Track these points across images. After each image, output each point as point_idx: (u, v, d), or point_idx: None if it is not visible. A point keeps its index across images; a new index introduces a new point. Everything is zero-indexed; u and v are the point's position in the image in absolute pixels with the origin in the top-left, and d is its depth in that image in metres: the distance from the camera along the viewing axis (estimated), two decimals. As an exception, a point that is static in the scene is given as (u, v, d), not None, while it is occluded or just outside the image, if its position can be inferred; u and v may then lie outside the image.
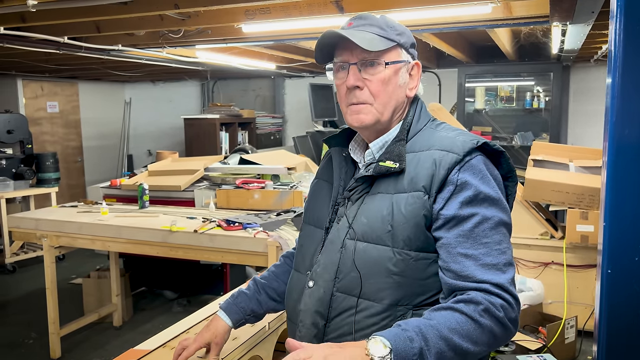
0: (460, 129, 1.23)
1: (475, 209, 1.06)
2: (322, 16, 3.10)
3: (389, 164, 1.14)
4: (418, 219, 1.08)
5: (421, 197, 1.09)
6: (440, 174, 1.08)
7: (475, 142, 1.11)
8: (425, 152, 1.13)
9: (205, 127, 6.40)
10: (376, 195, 1.15)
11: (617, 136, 1.09)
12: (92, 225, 3.22)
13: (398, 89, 1.18)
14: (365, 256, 1.12)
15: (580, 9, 2.70)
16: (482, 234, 1.05)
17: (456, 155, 1.09)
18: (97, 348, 3.73)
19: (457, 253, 1.05)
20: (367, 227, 1.13)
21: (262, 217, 3.15)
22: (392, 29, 1.17)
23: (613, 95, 1.09)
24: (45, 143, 7.04)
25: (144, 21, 3.48)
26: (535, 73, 5.92)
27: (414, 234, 1.08)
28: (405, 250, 1.09)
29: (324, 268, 1.17)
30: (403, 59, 1.18)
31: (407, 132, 1.18)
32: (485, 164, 1.10)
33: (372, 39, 1.13)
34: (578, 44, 4.02)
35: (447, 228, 1.07)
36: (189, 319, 1.79)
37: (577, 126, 6.11)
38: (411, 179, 1.11)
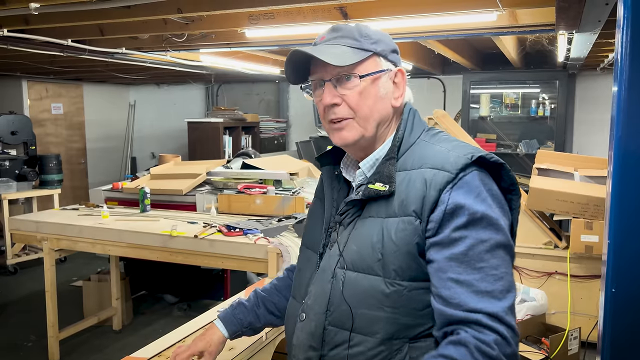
0: (459, 139, 1.13)
1: (469, 231, 0.97)
2: (326, 22, 3.08)
3: (378, 186, 1.06)
4: (410, 247, 1.00)
5: (412, 223, 1.01)
6: (431, 196, 1.00)
7: (469, 157, 1.02)
8: (417, 171, 1.05)
9: (208, 130, 6.40)
10: (367, 219, 1.08)
11: (622, 146, 1.06)
12: (93, 228, 3.21)
13: (380, 101, 1.10)
14: (356, 287, 1.04)
15: (587, 18, 2.67)
16: (476, 258, 0.96)
17: (448, 174, 1.00)
18: (96, 352, 3.72)
19: (448, 278, 0.96)
20: (356, 255, 1.05)
21: (264, 222, 3.13)
22: (367, 38, 1.10)
23: (619, 104, 1.07)
24: (49, 144, 7.05)
25: (147, 25, 3.48)
26: (541, 81, 5.89)
27: (405, 263, 1.00)
28: (398, 280, 1.00)
29: (315, 300, 1.10)
30: (382, 67, 1.10)
31: (397, 148, 1.10)
32: (481, 180, 1.01)
33: (343, 53, 1.07)
34: (584, 53, 3.99)
35: (438, 250, 0.98)
36: (187, 326, 1.77)
37: (582, 134, 6.07)
38: (402, 202, 1.03)
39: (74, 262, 5.64)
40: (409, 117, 1.13)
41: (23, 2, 2.60)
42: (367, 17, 2.98)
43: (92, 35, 3.67)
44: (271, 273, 2.57)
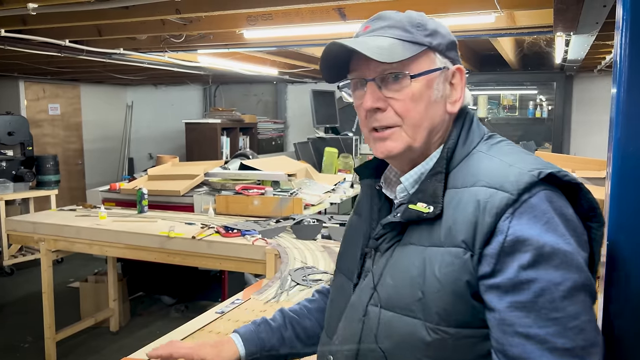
0: (523, 150, 0.91)
1: (537, 272, 0.75)
2: (325, 23, 3.09)
3: (420, 207, 0.86)
4: (458, 287, 0.80)
5: (461, 256, 0.80)
6: (486, 223, 0.79)
7: (536, 173, 0.80)
8: (469, 190, 0.84)
9: (206, 131, 6.39)
10: (407, 246, 0.88)
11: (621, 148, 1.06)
12: (90, 229, 3.20)
13: (433, 106, 0.90)
14: (391, 330, 0.85)
15: (585, 20, 2.68)
16: (549, 306, 0.74)
17: (507, 195, 0.79)
18: (93, 353, 3.70)
19: (515, 332, 0.75)
20: (393, 291, 0.86)
21: (261, 224, 3.13)
22: (420, 28, 0.90)
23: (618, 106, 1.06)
24: (46, 145, 7.03)
25: (145, 25, 3.48)
26: (538, 82, 5.91)
27: (452, 305, 0.80)
28: (442, 326, 0.80)
29: (343, 341, 0.93)
30: (438, 66, 0.91)
31: (447, 160, 0.89)
32: (551, 202, 0.79)
33: (392, 46, 0.87)
34: (582, 54, 4.00)
35: (499, 295, 0.77)
36: (185, 328, 1.77)
37: (579, 136, 6.08)
38: (449, 229, 0.82)
39: (71, 263, 5.62)
40: (465, 123, 0.93)
41: (21, 2, 2.59)
42: (365, 18, 2.97)
43: (89, 35, 3.67)
44: (269, 274, 2.57)
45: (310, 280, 2.16)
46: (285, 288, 2.09)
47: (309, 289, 2.08)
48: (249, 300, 2.02)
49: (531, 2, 2.64)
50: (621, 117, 1.05)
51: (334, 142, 5.68)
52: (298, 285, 2.12)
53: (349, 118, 6.64)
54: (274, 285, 2.13)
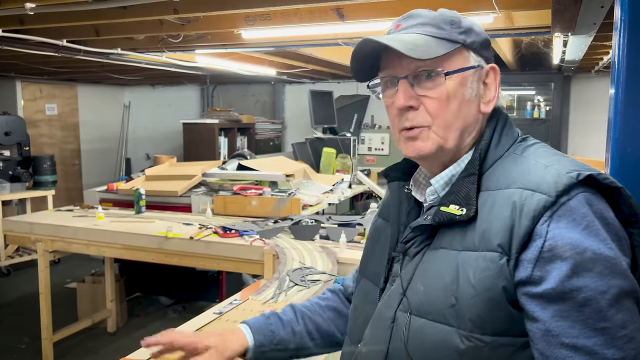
0: (558, 152, 0.88)
1: (581, 281, 0.72)
2: (323, 23, 3.08)
3: (453, 209, 0.83)
4: (493, 293, 0.76)
5: (496, 261, 0.77)
6: (523, 226, 0.75)
7: (575, 175, 0.77)
8: (504, 192, 0.81)
9: (204, 131, 6.38)
10: (438, 250, 0.85)
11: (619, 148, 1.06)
12: (88, 230, 3.19)
13: (467, 105, 0.87)
14: (422, 338, 0.82)
15: (582, 21, 2.69)
16: (595, 316, 0.71)
17: (545, 197, 0.76)
18: (90, 354, 3.70)
19: (561, 344, 0.72)
20: (424, 297, 0.83)
21: (259, 224, 3.13)
22: (454, 25, 0.87)
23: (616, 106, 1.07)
24: (43, 145, 7.01)
25: (143, 25, 3.47)
26: (536, 83, 5.92)
27: (487, 312, 0.76)
28: (476, 334, 0.77)
29: (370, 349, 0.89)
30: (472, 64, 0.88)
31: (480, 162, 0.86)
32: (591, 205, 0.76)
33: (426, 43, 0.85)
34: (579, 55, 4.01)
35: (541, 305, 0.74)
36: (182, 328, 1.76)
37: (577, 136, 6.10)
38: (483, 232, 0.79)
39: (67, 264, 5.60)
40: (498, 124, 0.90)
41: (18, 2, 2.58)
42: (363, 19, 2.98)
43: (87, 35, 3.66)
44: (267, 275, 2.56)
45: (308, 280, 2.16)
46: (284, 288, 2.08)
47: (307, 289, 2.08)
48: (247, 300, 2.02)
49: (529, 2, 2.64)
50: (619, 118, 1.05)
51: (331, 143, 5.68)
52: (296, 286, 2.12)
53: (346, 118, 6.64)
54: (272, 286, 2.13)
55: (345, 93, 6.91)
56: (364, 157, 6.43)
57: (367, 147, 6.49)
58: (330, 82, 7.18)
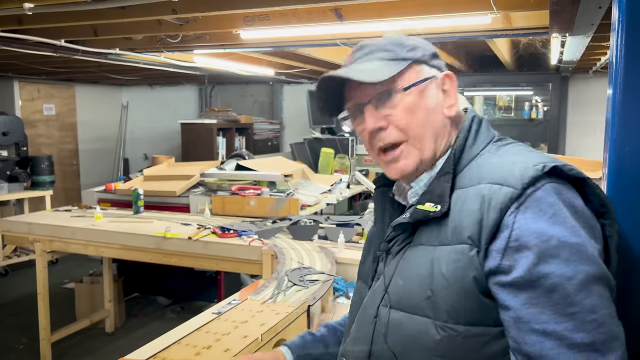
0: (533, 150, 0.92)
1: (547, 267, 0.74)
2: (321, 23, 3.09)
3: (428, 206, 0.87)
4: (465, 283, 0.80)
5: (466, 252, 0.81)
6: (491, 218, 0.79)
7: (540, 167, 0.80)
8: (475, 187, 0.85)
9: (202, 132, 6.38)
10: (417, 247, 0.89)
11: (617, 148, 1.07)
12: (86, 230, 3.19)
13: (432, 113, 0.93)
14: (401, 330, 0.86)
15: (580, 21, 2.69)
16: (564, 301, 0.73)
17: (511, 190, 0.79)
18: (88, 354, 3.69)
19: (531, 330, 0.75)
20: (402, 291, 0.87)
21: (258, 224, 3.13)
22: (401, 46, 0.94)
23: (614, 107, 1.07)
24: (40, 146, 7.00)
25: (141, 25, 3.47)
26: (534, 83, 5.93)
27: (460, 302, 0.80)
28: (450, 324, 0.80)
29: (355, 342, 0.94)
30: (426, 75, 0.94)
31: (454, 161, 0.91)
32: (559, 194, 0.79)
33: (380, 67, 0.91)
34: (577, 55, 4.02)
35: (512, 293, 0.77)
36: (181, 328, 1.76)
37: (575, 137, 6.11)
38: (455, 227, 0.83)
39: (65, 264, 5.59)
40: (473, 125, 0.95)
41: (16, 2, 2.58)
42: (362, 19, 2.99)
43: (85, 35, 3.65)
44: (265, 275, 2.56)
45: (307, 280, 2.16)
46: (282, 289, 2.08)
47: (306, 289, 2.08)
48: (245, 300, 2.02)
49: (527, 3, 2.65)
50: (617, 118, 1.05)
51: (330, 143, 5.69)
52: (295, 286, 2.12)
53: (345, 119, 6.63)
54: (271, 286, 2.13)
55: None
56: (362, 158, 6.43)
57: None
58: (328, 83, 7.17)
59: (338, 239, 2.62)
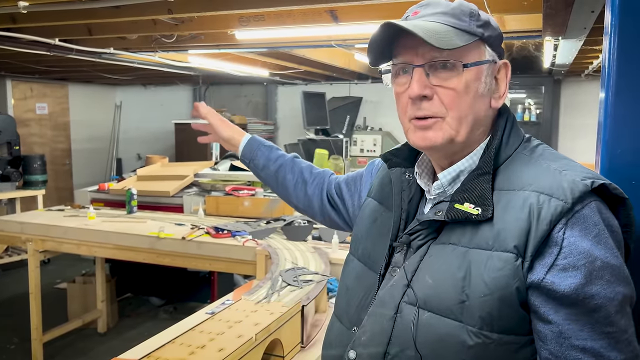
0: (564, 156, 0.89)
1: (593, 288, 0.75)
2: (316, 25, 3.09)
3: (468, 207, 0.83)
4: (506, 292, 0.78)
5: (512, 262, 0.78)
6: (540, 230, 0.77)
7: (589, 183, 0.78)
8: (517, 193, 0.81)
9: (196, 132, 6.30)
10: (446, 246, 0.85)
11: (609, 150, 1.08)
12: (79, 229, 3.17)
13: (479, 99, 0.87)
14: (429, 332, 0.82)
15: (573, 25, 2.72)
16: (604, 321, 0.75)
17: (561, 203, 0.77)
18: (80, 355, 3.67)
19: (572, 346, 0.75)
20: (432, 292, 0.83)
21: (252, 225, 3.13)
22: (473, 18, 0.86)
23: (606, 110, 1.08)
24: (33, 145, 6.96)
25: (136, 25, 3.46)
26: (527, 86, 5.97)
27: (497, 310, 0.78)
28: (485, 331, 0.78)
29: (371, 338, 0.88)
30: (487, 58, 0.87)
31: (492, 160, 0.86)
32: (601, 214, 0.78)
33: (447, 33, 0.83)
34: (570, 59, 4.06)
35: (555, 307, 0.76)
36: (175, 328, 1.76)
37: (567, 139, 6.16)
38: (498, 232, 0.80)
39: (58, 264, 5.56)
40: (507, 123, 0.90)
41: (11, 1, 2.57)
42: (357, 21, 3.00)
43: (79, 35, 3.64)
44: (259, 275, 2.56)
45: (301, 281, 2.16)
46: (276, 289, 2.09)
47: (300, 290, 2.08)
48: (239, 300, 2.02)
49: (521, 6, 2.67)
50: (609, 121, 1.07)
51: (324, 144, 5.70)
52: (289, 286, 2.12)
53: (339, 120, 6.66)
54: (265, 286, 2.13)
55: (338, 95, 6.93)
56: (356, 159, 6.44)
57: (359, 148, 6.51)
58: (322, 84, 7.19)
59: (332, 240, 2.63)
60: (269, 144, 1.36)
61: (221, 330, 1.69)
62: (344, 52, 4.15)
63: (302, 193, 1.30)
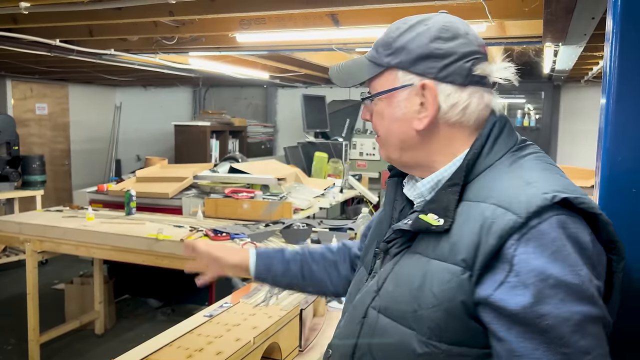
0: (551, 166, 0.86)
1: (543, 307, 0.71)
2: (317, 28, 3.10)
3: (431, 219, 0.83)
4: (452, 305, 0.77)
5: (458, 275, 0.77)
6: (489, 245, 0.75)
7: (550, 197, 0.74)
8: (479, 205, 0.79)
9: (195, 134, 6.37)
10: (414, 255, 0.86)
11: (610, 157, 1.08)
12: (77, 230, 3.17)
13: (397, 123, 0.89)
14: (385, 337, 0.85)
15: (573, 31, 2.73)
16: (559, 342, 0.71)
17: (514, 218, 0.74)
18: (77, 356, 3.66)
19: None
20: (390, 298, 0.86)
21: (251, 227, 3.12)
22: (386, 47, 0.89)
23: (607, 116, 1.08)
24: (32, 145, 6.95)
25: (137, 27, 3.46)
26: (526, 92, 5.99)
27: (445, 322, 0.78)
28: (433, 341, 0.79)
29: (342, 339, 0.94)
30: (400, 83, 0.88)
31: (466, 172, 0.84)
32: (564, 228, 0.74)
33: (360, 68, 0.92)
34: (569, 65, 4.07)
35: (506, 325, 0.74)
36: (173, 330, 1.76)
37: (566, 145, 6.17)
38: (453, 244, 0.79)
39: (55, 265, 5.54)
40: (493, 131, 0.88)
41: (12, 1, 2.57)
42: (358, 25, 3.00)
43: (80, 36, 3.64)
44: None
45: (299, 284, 2.16)
46: (275, 292, 2.08)
47: (297, 293, 2.08)
48: (238, 303, 2.02)
49: (522, 12, 2.67)
50: (610, 127, 1.07)
51: (323, 147, 5.69)
52: (287, 290, 2.12)
53: (339, 123, 6.66)
54: (263, 289, 2.13)
55: (338, 98, 6.94)
56: (355, 162, 6.44)
57: (358, 152, 6.51)
58: (322, 87, 7.20)
59: (331, 244, 2.62)
60: (277, 248, 1.29)
61: (219, 334, 1.69)
62: (345, 56, 4.15)
63: (336, 275, 1.23)
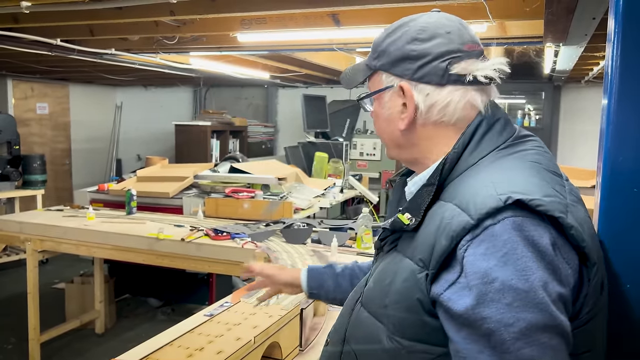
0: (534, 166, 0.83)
1: (486, 310, 0.70)
2: (318, 28, 3.10)
3: (405, 218, 0.84)
4: (411, 303, 0.79)
5: (415, 274, 0.79)
6: (441, 245, 0.75)
7: (504, 198, 0.73)
8: (445, 205, 0.80)
9: (196, 133, 6.37)
10: (394, 254, 0.89)
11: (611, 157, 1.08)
12: (78, 230, 3.17)
13: (387, 122, 0.93)
14: (362, 329, 0.89)
15: (574, 32, 2.73)
16: (501, 347, 0.69)
17: (467, 219, 0.73)
18: (78, 355, 3.66)
19: None
20: (370, 293, 0.91)
21: (251, 227, 3.12)
22: (373, 50, 0.94)
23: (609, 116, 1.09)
24: (33, 145, 6.96)
25: (138, 26, 3.46)
26: (527, 92, 5.99)
27: (405, 319, 0.80)
28: (397, 336, 0.81)
29: (335, 331, 0.99)
30: (383, 85, 0.91)
31: (440, 172, 0.84)
32: (520, 230, 0.71)
33: (356, 72, 0.98)
34: (570, 65, 4.07)
35: (455, 326, 0.74)
36: (174, 330, 1.76)
37: (566, 145, 6.17)
38: (418, 243, 0.81)
39: (56, 264, 5.54)
40: (478, 130, 0.86)
41: (14, 0, 2.57)
42: (359, 25, 3.00)
43: (81, 35, 3.65)
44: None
45: (300, 284, 2.16)
46: (275, 291, 2.08)
47: (298, 293, 2.08)
48: (238, 303, 2.02)
49: (522, 12, 2.67)
50: (611, 128, 1.07)
51: (324, 147, 5.69)
52: (288, 289, 2.12)
53: (339, 123, 6.66)
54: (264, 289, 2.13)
55: (338, 98, 6.93)
56: (355, 162, 6.44)
57: (359, 152, 6.51)
58: (323, 87, 7.20)
59: (331, 243, 2.62)
60: (327, 264, 1.32)
61: (220, 333, 1.69)
62: (345, 56, 4.15)
63: None
